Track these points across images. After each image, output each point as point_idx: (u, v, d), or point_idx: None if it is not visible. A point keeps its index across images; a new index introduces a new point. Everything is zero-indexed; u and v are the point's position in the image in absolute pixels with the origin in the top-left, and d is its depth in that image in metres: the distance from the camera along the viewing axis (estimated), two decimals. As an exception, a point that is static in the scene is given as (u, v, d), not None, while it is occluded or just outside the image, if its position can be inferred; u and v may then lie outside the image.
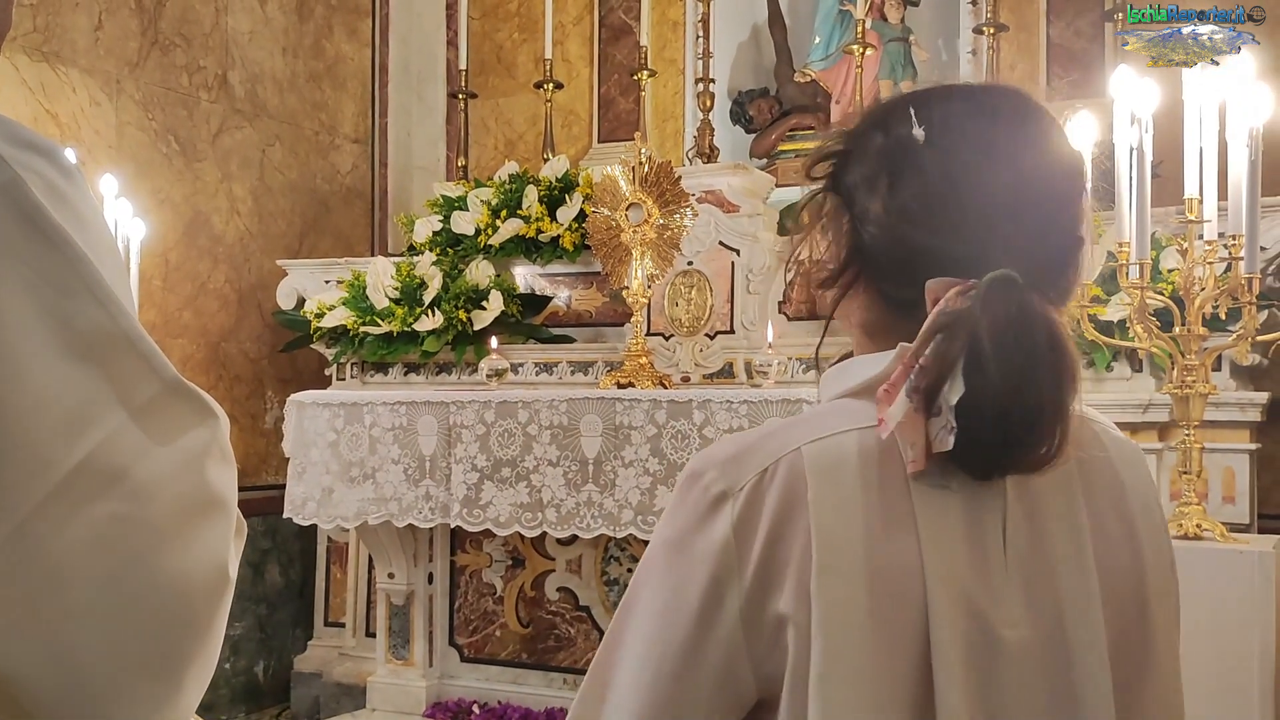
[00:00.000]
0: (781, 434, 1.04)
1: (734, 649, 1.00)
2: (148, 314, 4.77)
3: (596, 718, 1.04)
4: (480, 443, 3.88)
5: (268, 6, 5.49)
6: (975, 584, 1.00)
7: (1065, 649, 1.02)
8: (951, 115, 1.08)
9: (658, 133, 5.48)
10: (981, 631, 1.00)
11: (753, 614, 0.99)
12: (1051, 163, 1.08)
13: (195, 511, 0.88)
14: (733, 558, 1.00)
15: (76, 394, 0.82)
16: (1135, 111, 2.83)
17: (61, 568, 0.81)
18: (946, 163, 1.05)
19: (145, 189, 4.83)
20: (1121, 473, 1.12)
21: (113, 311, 0.85)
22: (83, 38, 4.65)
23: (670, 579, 1.03)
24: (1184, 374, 2.90)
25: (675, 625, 1.01)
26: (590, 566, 4.28)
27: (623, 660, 1.04)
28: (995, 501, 1.03)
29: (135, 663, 0.85)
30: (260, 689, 5.30)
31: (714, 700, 1.01)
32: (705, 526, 1.01)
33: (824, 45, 5.38)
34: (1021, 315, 0.98)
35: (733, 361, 4.38)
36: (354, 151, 5.97)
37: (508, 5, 5.94)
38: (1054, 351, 0.98)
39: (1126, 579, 1.08)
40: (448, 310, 4.71)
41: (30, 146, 0.86)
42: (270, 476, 5.30)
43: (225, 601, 0.91)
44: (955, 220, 1.04)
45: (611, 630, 1.07)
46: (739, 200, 4.47)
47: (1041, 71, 4.86)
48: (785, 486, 1.00)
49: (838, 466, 1.00)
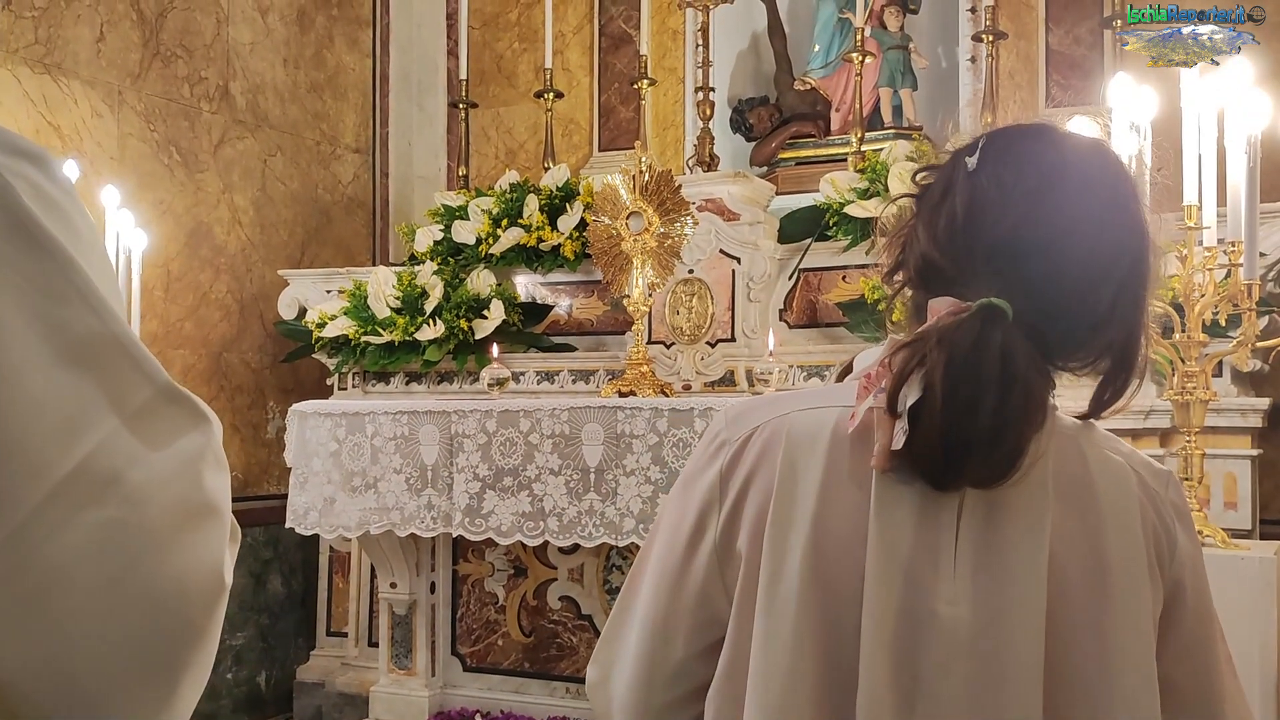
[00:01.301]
0: (784, 401, 1.21)
1: (710, 573, 1.19)
2: (150, 324, 4.78)
3: (627, 608, 1.28)
4: (482, 452, 3.88)
5: (269, 17, 5.51)
6: (918, 560, 1.10)
7: (1000, 633, 1.08)
8: (1010, 154, 1.17)
9: (658, 141, 5.49)
10: (916, 601, 1.09)
11: (723, 548, 1.18)
12: (1085, 221, 1.14)
13: (190, 517, 0.88)
14: (715, 497, 1.19)
15: (69, 400, 0.82)
16: (1134, 119, 2.84)
17: (56, 573, 0.81)
18: (975, 195, 1.16)
19: (147, 200, 4.85)
20: (1099, 491, 1.15)
21: (105, 317, 0.85)
22: (84, 49, 4.67)
23: (678, 508, 1.23)
24: (1184, 380, 2.90)
25: (674, 546, 1.22)
26: (592, 575, 4.28)
27: (645, 567, 1.27)
28: (952, 498, 1.11)
29: (131, 668, 0.85)
30: (263, 699, 5.30)
31: (694, 611, 1.20)
32: (706, 468, 1.21)
33: (823, 53, 5.39)
34: (976, 347, 1.07)
35: (734, 369, 4.38)
36: (355, 161, 5.98)
37: (508, 15, 5.96)
38: (1003, 386, 1.06)
39: (1077, 591, 1.12)
40: (449, 319, 4.71)
41: (20, 153, 0.86)
42: (272, 486, 5.30)
43: (221, 607, 0.91)
44: (962, 247, 1.16)
45: (644, 543, 1.30)
46: (739, 208, 4.47)
47: (1040, 79, 4.86)
48: (765, 444, 1.17)
49: (812, 436, 1.15)
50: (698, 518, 1.20)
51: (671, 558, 1.21)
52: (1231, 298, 2.88)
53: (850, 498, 1.11)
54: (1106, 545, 1.14)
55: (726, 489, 1.18)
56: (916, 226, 1.21)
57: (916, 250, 1.20)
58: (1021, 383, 1.07)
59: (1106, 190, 1.17)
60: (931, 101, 5.22)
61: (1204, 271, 2.89)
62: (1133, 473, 1.19)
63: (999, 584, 1.09)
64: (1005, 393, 1.06)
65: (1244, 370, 3.60)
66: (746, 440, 1.18)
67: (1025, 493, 1.11)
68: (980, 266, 1.14)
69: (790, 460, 1.14)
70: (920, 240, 1.19)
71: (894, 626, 1.08)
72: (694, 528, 1.20)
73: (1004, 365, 1.07)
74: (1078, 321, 1.14)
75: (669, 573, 1.21)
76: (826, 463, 1.13)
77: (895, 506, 1.10)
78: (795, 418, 1.17)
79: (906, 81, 5.22)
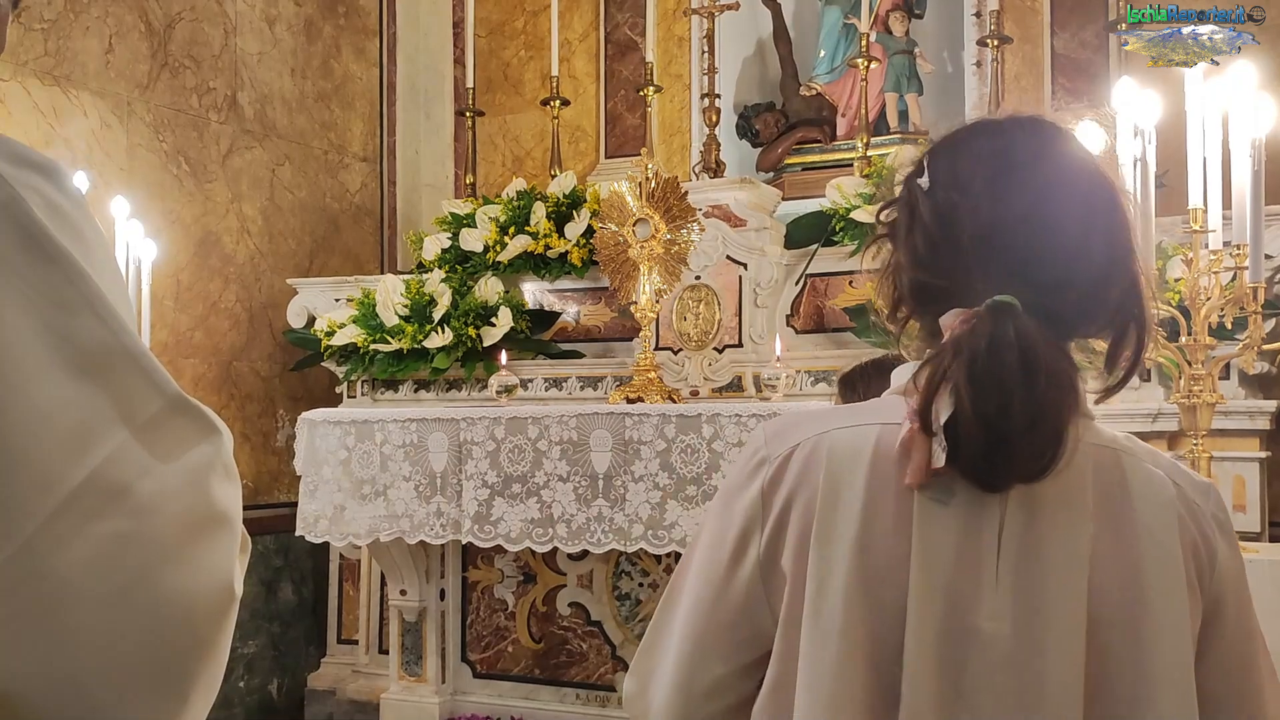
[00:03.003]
0: (824, 418, 1.21)
1: (754, 590, 1.19)
2: (159, 334, 4.80)
3: (667, 622, 1.27)
4: (491, 459, 3.89)
5: (276, 28, 5.53)
6: (960, 576, 1.11)
7: (1041, 650, 1.10)
8: (957, 155, 1.20)
9: (664, 148, 5.50)
10: (959, 618, 1.10)
11: (767, 565, 1.18)
12: (1047, 187, 1.16)
13: (199, 528, 0.88)
14: (758, 515, 1.19)
15: (79, 411, 0.83)
16: (1138, 123, 2.84)
17: (66, 585, 0.81)
18: (940, 205, 1.18)
19: (156, 210, 4.87)
20: (1138, 511, 1.15)
21: (114, 328, 0.86)
22: (93, 61, 4.69)
23: (718, 523, 1.23)
24: (1191, 383, 2.90)
25: (716, 563, 1.22)
26: (601, 581, 4.29)
27: (684, 587, 1.26)
28: (993, 509, 1.12)
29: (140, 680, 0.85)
30: (274, 707, 5.31)
31: (736, 628, 1.20)
32: (746, 485, 1.21)
33: (829, 59, 5.39)
34: (992, 346, 1.09)
35: (741, 375, 4.39)
36: (363, 170, 6.01)
37: (514, 23, 5.98)
38: (1028, 375, 1.07)
39: (1115, 604, 1.12)
40: (457, 327, 4.73)
41: (30, 165, 0.87)
42: (282, 494, 5.32)
43: (231, 618, 0.92)
44: (948, 258, 1.17)
45: (684, 556, 1.29)
46: (746, 214, 4.48)
47: (1046, 83, 4.86)
48: (806, 462, 1.17)
49: (854, 453, 1.15)
50: (740, 534, 1.19)
51: (713, 573, 1.21)
52: (1237, 300, 2.88)
53: (893, 515, 1.12)
54: (1143, 559, 1.14)
55: (769, 506, 1.18)
56: (898, 258, 1.23)
57: (905, 279, 1.22)
58: (1045, 367, 1.08)
59: (1058, 152, 1.19)
60: (937, 106, 5.23)
61: (1210, 274, 2.89)
62: (1172, 485, 1.19)
63: (1039, 600, 1.10)
64: (1031, 381, 1.08)
65: (1251, 373, 3.59)
66: (787, 457, 1.18)
67: (1064, 509, 1.12)
68: (972, 266, 1.15)
69: (832, 478, 1.14)
70: (906, 268, 1.21)
71: (937, 642, 1.09)
72: (736, 544, 1.20)
73: (1023, 355, 1.08)
74: (1081, 282, 1.15)
75: (710, 588, 1.21)
76: (868, 480, 1.13)
77: (938, 523, 1.11)
78: (836, 435, 1.17)
79: (912, 86, 5.22)
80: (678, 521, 3.62)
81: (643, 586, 4.21)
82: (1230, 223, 2.88)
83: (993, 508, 1.11)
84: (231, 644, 1.02)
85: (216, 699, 0.88)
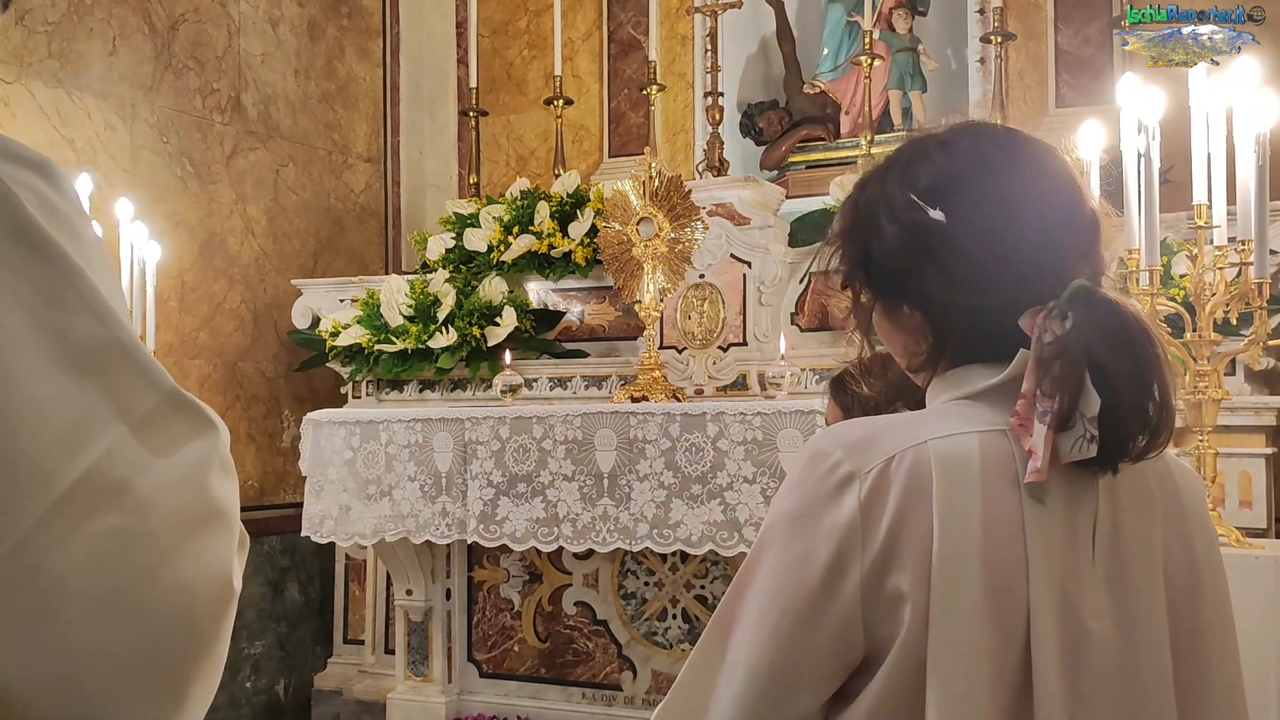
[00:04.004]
0: (908, 427, 1.14)
1: (851, 616, 1.09)
2: (165, 335, 4.80)
3: (719, 659, 1.14)
4: (495, 458, 3.89)
5: (280, 28, 5.54)
6: (1070, 580, 1.10)
7: (1136, 644, 1.12)
8: (953, 178, 1.18)
9: (668, 146, 5.50)
10: (1074, 622, 1.10)
11: (871, 587, 1.09)
12: (1038, 180, 1.19)
13: (197, 524, 0.87)
14: (858, 535, 1.09)
15: (75, 407, 0.82)
16: (1141, 119, 2.83)
17: (63, 583, 0.80)
18: (977, 219, 1.16)
19: (161, 211, 4.87)
20: (1184, 497, 1.21)
21: (109, 324, 0.85)
22: (97, 63, 4.70)
23: (794, 547, 1.12)
24: (1196, 380, 2.89)
25: (799, 589, 1.11)
26: (607, 580, 4.29)
27: (744, 615, 1.14)
28: (1088, 510, 1.13)
29: (138, 678, 0.84)
30: (281, 707, 5.31)
31: (829, 658, 1.11)
32: (832, 503, 1.11)
33: (832, 56, 5.39)
34: (1120, 319, 1.10)
35: (746, 373, 4.39)
36: (367, 171, 6.01)
37: (517, 23, 5.98)
38: (1151, 341, 1.11)
39: (1180, 591, 1.17)
40: (461, 327, 4.73)
41: (22, 161, 0.86)
42: (288, 495, 5.32)
43: (229, 614, 0.91)
44: (1004, 262, 1.15)
45: (732, 591, 1.17)
46: (749, 212, 4.48)
47: (1050, 79, 4.85)
48: (911, 476, 1.09)
49: (961, 465, 1.10)
50: (834, 556, 1.10)
51: (798, 600, 1.10)
52: (1243, 296, 2.87)
53: (1007, 523, 1.10)
54: (1196, 549, 1.19)
55: (871, 524, 1.09)
56: (931, 302, 1.18)
57: (958, 317, 1.17)
58: (1157, 334, 1.12)
59: (1027, 149, 1.22)
60: (941, 103, 5.22)
61: (1215, 270, 2.88)
62: (1197, 474, 1.27)
63: (1128, 596, 1.13)
64: (1155, 348, 1.11)
65: (1257, 369, 3.58)
66: (884, 471, 1.10)
67: (1139, 503, 1.16)
68: (1019, 275, 1.15)
69: (948, 493, 1.08)
70: (955, 307, 1.17)
71: (1059, 648, 1.08)
72: (830, 567, 1.10)
73: (1141, 325, 1.11)
74: (1095, 238, 1.19)
75: (795, 616, 1.11)
76: (983, 491, 1.09)
77: (1045, 521, 1.10)
78: (938, 446, 1.10)
79: (916, 84, 5.21)
80: (683, 520, 3.61)
81: (648, 585, 4.21)
82: (1235, 218, 2.87)
83: (1087, 501, 1.13)
84: (238, 644, 1.02)
85: (223, 699, 0.88)
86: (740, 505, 3.54)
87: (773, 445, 3.53)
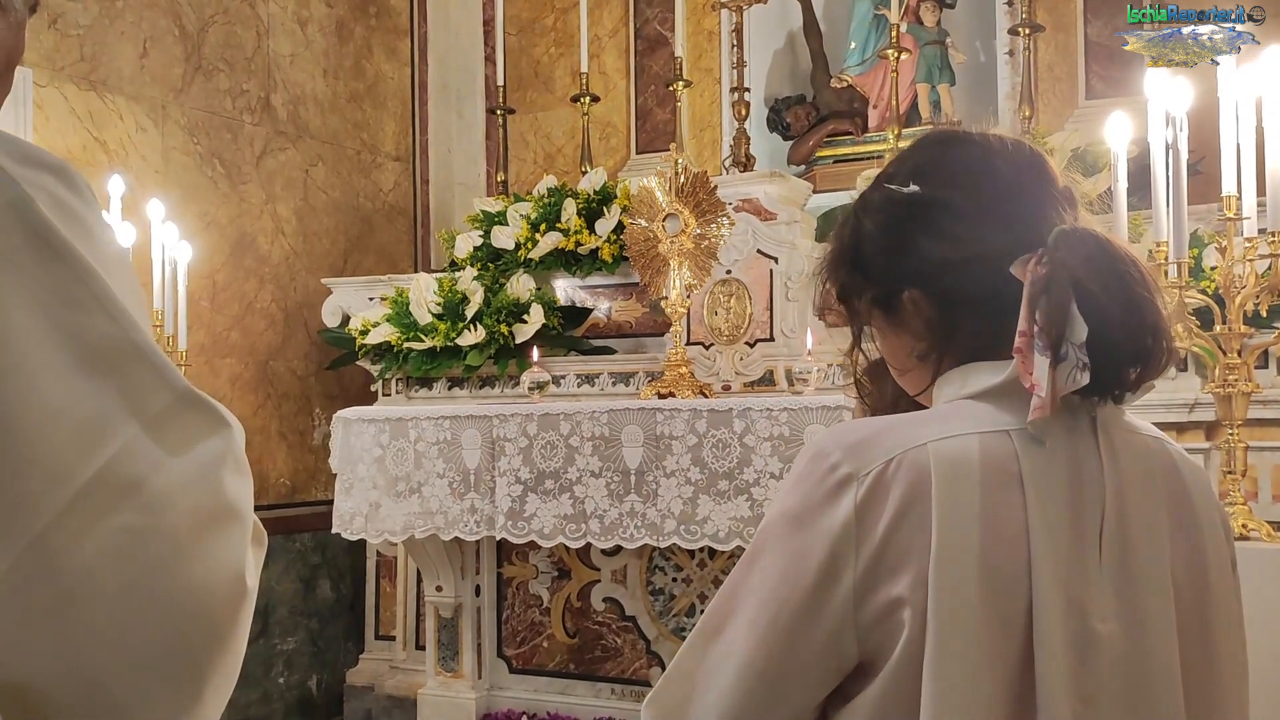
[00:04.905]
0: (909, 427, 1.12)
1: (844, 620, 1.08)
2: (197, 335, 4.85)
3: (711, 651, 1.14)
4: (523, 455, 3.90)
5: (308, 29, 5.57)
6: (1075, 581, 1.09)
7: (1144, 645, 1.11)
8: (923, 163, 1.24)
9: (695, 142, 5.50)
10: (1080, 624, 1.08)
11: (864, 591, 1.07)
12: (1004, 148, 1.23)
13: (211, 521, 0.89)
14: (852, 537, 1.07)
15: (90, 406, 0.84)
16: (1169, 110, 2.81)
17: (79, 579, 0.82)
18: (950, 188, 1.20)
19: (192, 212, 4.92)
20: (1192, 495, 1.20)
21: (123, 324, 0.87)
22: (128, 65, 4.75)
23: (790, 547, 1.11)
24: (1226, 372, 2.87)
25: (792, 590, 1.09)
26: (635, 576, 4.29)
27: (738, 612, 1.13)
28: (1095, 510, 1.12)
29: (154, 672, 0.86)
30: (314, 703, 5.36)
31: (820, 661, 1.09)
32: (828, 505, 1.09)
33: (860, 50, 5.37)
34: (1103, 247, 1.11)
35: (773, 369, 4.38)
36: (396, 169, 6.04)
37: (544, 20, 5.99)
38: (1140, 271, 1.12)
39: (1188, 591, 1.16)
40: (489, 324, 4.75)
41: (38, 164, 0.88)
42: (319, 492, 5.36)
43: (245, 610, 0.92)
44: (983, 219, 1.18)
45: (728, 586, 1.16)
46: (776, 208, 4.47)
47: (1080, 71, 4.81)
48: (910, 479, 1.07)
49: (961, 467, 1.08)
50: (828, 558, 1.08)
51: (791, 601, 1.09)
52: (1273, 288, 2.84)
53: (1009, 525, 1.08)
54: (1205, 549, 1.18)
55: (866, 528, 1.07)
56: (922, 278, 1.19)
57: (941, 271, 1.18)
58: (1146, 265, 1.14)
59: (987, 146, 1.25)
60: (970, 96, 5.19)
61: (1245, 262, 2.85)
62: (1204, 469, 1.25)
63: (1135, 596, 1.12)
64: (1145, 275, 1.12)
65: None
66: (881, 474, 1.08)
67: (1146, 500, 1.14)
68: (1004, 210, 1.18)
69: (947, 496, 1.07)
70: (938, 263, 1.18)
71: (1064, 651, 1.07)
72: (823, 569, 1.08)
73: (1130, 255, 1.12)
74: (1073, 203, 1.21)
75: (789, 616, 1.09)
76: (984, 494, 1.08)
77: (1049, 521, 1.09)
78: (938, 449, 1.09)
79: (944, 77, 5.19)
80: (709, 516, 3.61)
81: (676, 582, 4.21)
82: (1265, 209, 2.84)
83: (1094, 501, 1.11)
84: (270, 640, 1.03)
85: (256, 694, 0.89)
86: (767, 501, 3.53)
87: (799, 441, 3.52)
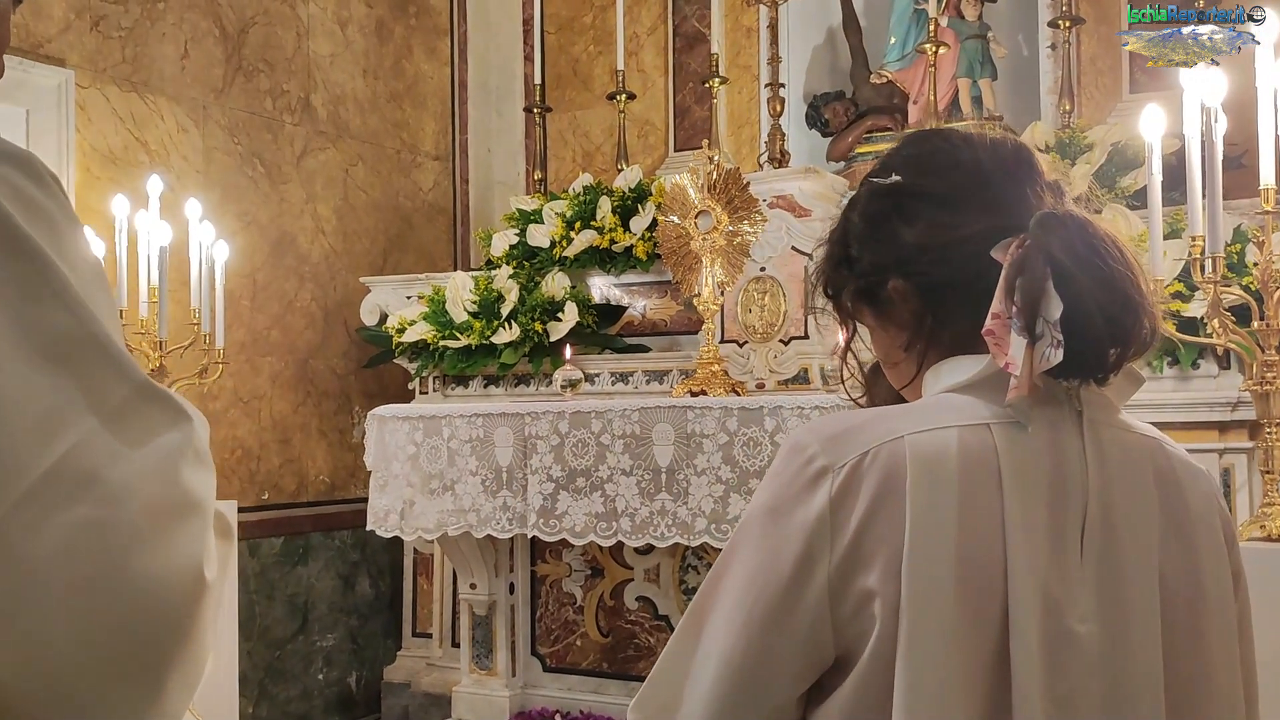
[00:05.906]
0: (887, 420, 1.11)
1: (819, 615, 1.07)
2: (237, 333, 4.90)
3: (692, 651, 1.14)
4: (555, 453, 3.90)
5: (348, 29, 5.61)
6: (1054, 580, 1.07)
7: (1126, 647, 1.08)
8: (907, 158, 1.25)
9: (733, 139, 5.47)
10: (1056, 624, 1.06)
11: (839, 585, 1.06)
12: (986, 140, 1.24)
13: (169, 514, 0.88)
14: (827, 530, 1.07)
15: (46, 399, 0.83)
16: (1204, 101, 2.74)
17: (35, 572, 0.81)
18: (930, 175, 1.22)
19: (232, 211, 4.97)
20: (1189, 499, 1.17)
21: (82, 317, 0.86)
22: (169, 66, 4.80)
23: (767, 542, 1.10)
24: (1264, 370, 2.80)
25: (768, 585, 1.09)
26: (668, 575, 4.28)
27: (718, 606, 1.13)
28: (1077, 508, 1.10)
29: (113, 666, 0.85)
30: (353, 699, 5.39)
31: (799, 654, 1.09)
32: (804, 498, 1.09)
33: (900, 45, 5.30)
34: (1083, 227, 1.10)
35: (807, 367, 4.34)
36: (435, 169, 6.07)
37: (582, 19, 5.98)
38: (1120, 249, 1.10)
39: (1179, 596, 1.13)
40: (524, 322, 4.75)
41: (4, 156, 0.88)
42: (359, 490, 5.39)
43: (205, 603, 0.91)
44: (964, 205, 1.19)
45: (708, 582, 1.15)
46: (810, 204, 4.43)
47: (1124, 64, 4.73)
48: (885, 471, 1.06)
49: (938, 460, 1.07)
50: (803, 552, 1.07)
51: (767, 595, 1.09)
52: (1314, 283, 2.77)
53: (986, 522, 1.06)
54: (1200, 554, 1.15)
55: (842, 521, 1.06)
56: (904, 265, 1.20)
57: (921, 255, 1.19)
58: (1128, 246, 1.12)
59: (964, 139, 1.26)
60: (1012, 90, 5.12)
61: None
62: (1204, 471, 1.21)
63: (1119, 598, 1.09)
64: (1124, 255, 1.10)
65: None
66: (857, 466, 1.07)
67: (1131, 494, 1.12)
68: (985, 193, 1.18)
69: (922, 489, 1.05)
70: (917, 248, 1.19)
71: (1040, 650, 1.05)
72: (799, 562, 1.07)
73: (1110, 235, 1.10)
74: (1060, 195, 1.21)
75: (765, 610, 1.09)
76: (960, 488, 1.06)
77: (1027, 517, 1.07)
78: (915, 441, 1.07)
79: (985, 71, 5.11)
80: (741, 515, 3.58)
81: (710, 581, 4.19)
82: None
83: (1076, 499, 1.09)
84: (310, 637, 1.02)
85: (296, 691, 0.88)
86: (797, 500, 3.50)
87: (830, 439, 3.48)
